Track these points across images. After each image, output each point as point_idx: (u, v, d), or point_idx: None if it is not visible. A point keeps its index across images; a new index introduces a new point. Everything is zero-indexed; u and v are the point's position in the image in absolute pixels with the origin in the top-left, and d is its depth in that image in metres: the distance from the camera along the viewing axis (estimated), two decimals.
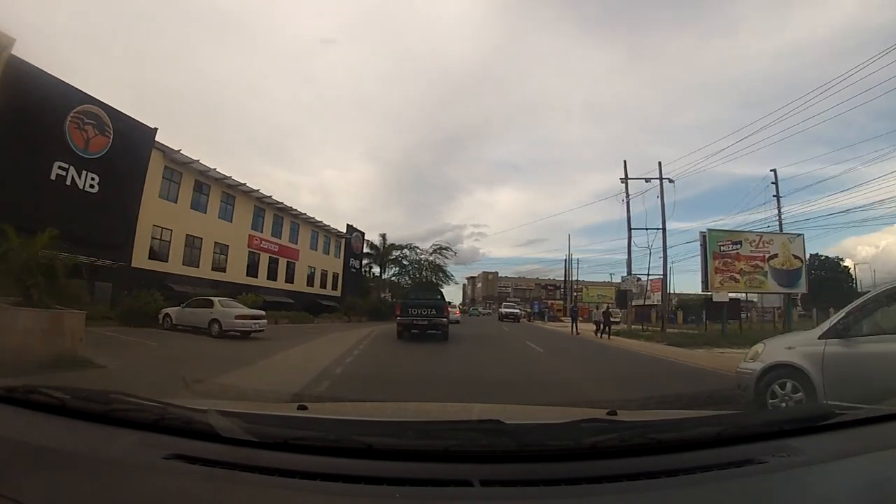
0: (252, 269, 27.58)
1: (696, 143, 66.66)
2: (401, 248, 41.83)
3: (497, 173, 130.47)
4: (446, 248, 43.86)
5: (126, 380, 6.22)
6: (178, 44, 61.45)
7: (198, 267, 23.62)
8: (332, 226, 35.87)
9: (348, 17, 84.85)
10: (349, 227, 39.01)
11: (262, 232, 28.31)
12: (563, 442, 1.09)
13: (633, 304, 59.91)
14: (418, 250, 42.59)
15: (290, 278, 31.06)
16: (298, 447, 1.02)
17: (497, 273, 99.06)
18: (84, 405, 1.18)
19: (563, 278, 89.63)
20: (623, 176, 24.62)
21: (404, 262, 42.44)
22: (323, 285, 35.36)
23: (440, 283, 40.14)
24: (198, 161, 22.84)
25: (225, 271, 25.18)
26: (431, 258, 42.56)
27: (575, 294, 60.12)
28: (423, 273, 41.51)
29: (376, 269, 43.36)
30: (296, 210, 30.96)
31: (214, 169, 23.83)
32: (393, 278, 43.07)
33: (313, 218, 33.02)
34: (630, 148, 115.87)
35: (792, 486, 1.02)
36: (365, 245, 41.56)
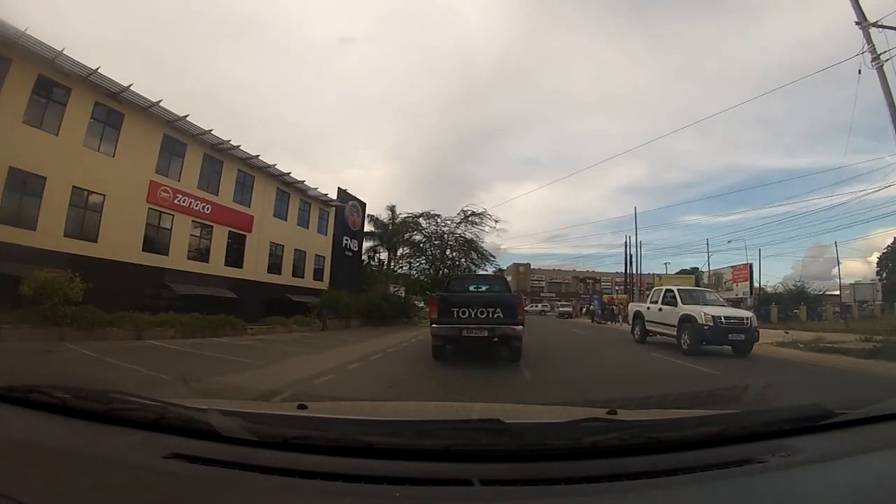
0: (156, 241, 16.55)
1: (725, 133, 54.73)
2: (415, 217, 28.78)
3: (519, 169, 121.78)
4: (480, 215, 28.29)
5: None
6: (197, 47, 59.28)
7: (34, 229, 12.88)
8: (310, 185, 24.18)
9: (365, 15, 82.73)
10: (341, 191, 27.64)
11: (178, 180, 17.20)
12: (563, 441, 1.08)
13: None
14: (439, 219, 28.91)
15: (236, 259, 19.87)
16: (298, 446, 1.02)
17: (529, 265, 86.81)
18: (84, 404, 1.19)
19: (597, 271, 78.60)
20: (858, 19, 12.00)
21: (416, 238, 29.21)
22: (298, 273, 24.13)
23: (472, 267, 27.94)
24: (25, 32, 12.04)
25: (96, 240, 14.35)
26: (460, 231, 28.76)
27: (643, 289, 48.04)
28: (449, 253, 28.62)
29: (384, 255, 31.26)
30: (246, 153, 19.75)
31: (62, 52, 12.98)
32: (402, 265, 30.67)
33: (275, 167, 21.33)
34: (657, 140, 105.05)
35: (792, 485, 1.00)
36: (368, 222, 30.18)
